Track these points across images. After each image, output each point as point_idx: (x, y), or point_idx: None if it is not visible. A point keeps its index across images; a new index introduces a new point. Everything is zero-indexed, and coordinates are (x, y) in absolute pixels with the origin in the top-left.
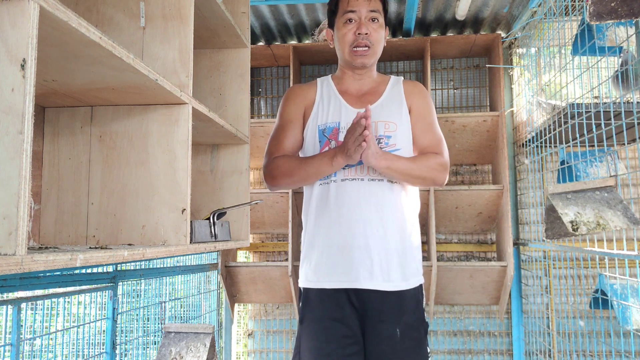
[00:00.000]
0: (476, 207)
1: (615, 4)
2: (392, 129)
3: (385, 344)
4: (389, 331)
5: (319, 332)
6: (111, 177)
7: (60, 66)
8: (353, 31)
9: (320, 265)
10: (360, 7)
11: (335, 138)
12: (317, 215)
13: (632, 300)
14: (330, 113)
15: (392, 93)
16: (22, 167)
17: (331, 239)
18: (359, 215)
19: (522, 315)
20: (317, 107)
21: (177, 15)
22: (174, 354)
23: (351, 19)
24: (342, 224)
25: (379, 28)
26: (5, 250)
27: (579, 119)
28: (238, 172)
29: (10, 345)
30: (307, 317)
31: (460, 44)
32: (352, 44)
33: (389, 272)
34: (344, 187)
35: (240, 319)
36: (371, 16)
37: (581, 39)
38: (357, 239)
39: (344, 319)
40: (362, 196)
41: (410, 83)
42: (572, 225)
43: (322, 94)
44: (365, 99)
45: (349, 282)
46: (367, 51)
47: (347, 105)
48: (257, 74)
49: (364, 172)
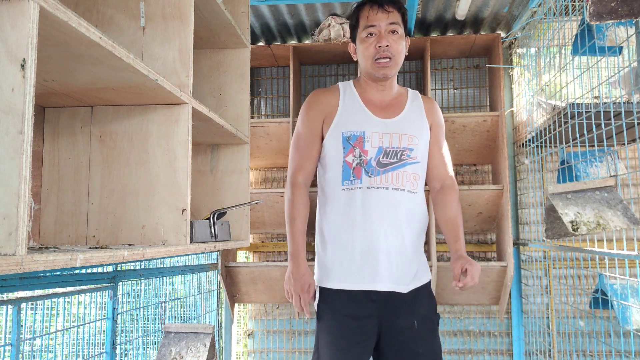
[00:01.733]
0: (476, 207)
1: (615, 4)
2: (415, 143)
3: (405, 335)
4: (407, 323)
5: (337, 327)
6: (111, 177)
7: (60, 66)
8: (374, 45)
9: (343, 267)
10: (380, 21)
11: (360, 146)
12: (342, 218)
13: (632, 300)
14: (355, 121)
15: (414, 107)
16: (22, 167)
17: (355, 242)
18: (383, 222)
19: (522, 315)
20: (341, 114)
21: (177, 15)
22: (174, 354)
23: (372, 33)
24: (367, 229)
25: (399, 39)
26: (5, 250)
27: (579, 119)
28: (238, 172)
29: (10, 345)
30: (326, 313)
31: (460, 44)
32: (374, 56)
33: (407, 274)
34: (370, 194)
35: (240, 319)
36: (391, 29)
37: (581, 39)
38: (380, 244)
39: (360, 316)
40: (387, 204)
41: (427, 100)
42: (572, 225)
43: (344, 101)
44: (389, 110)
45: (372, 284)
46: (389, 62)
47: (372, 115)
48: (257, 74)
49: (389, 181)
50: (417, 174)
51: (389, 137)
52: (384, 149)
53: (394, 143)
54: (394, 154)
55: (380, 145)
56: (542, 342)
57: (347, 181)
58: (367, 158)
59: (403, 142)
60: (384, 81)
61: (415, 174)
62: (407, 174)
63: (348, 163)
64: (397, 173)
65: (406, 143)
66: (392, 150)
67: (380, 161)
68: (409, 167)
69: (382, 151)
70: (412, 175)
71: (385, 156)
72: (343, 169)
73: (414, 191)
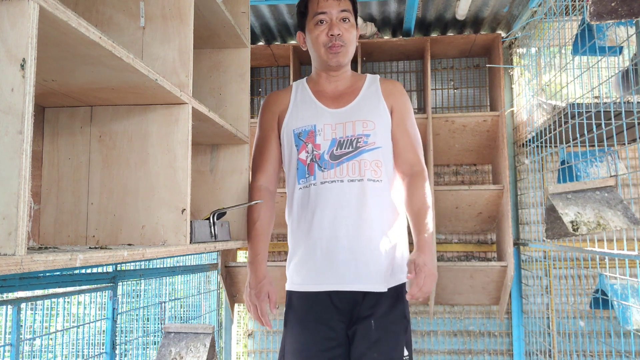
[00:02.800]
0: (476, 207)
1: (616, 3)
2: (371, 127)
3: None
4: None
5: (302, 334)
6: (111, 177)
7: (60, 66)
8: (325, 32)
9: (304, 269)
10: (331, 8)
11: (312, 141)
12: (299, 218)
13: (632, 300)
14: (305, 116)
15: (369, 92)
16: (22, 167)
17: (314, 242)
18: (341, 217)
19: (522, 315)
20: (291, 111)
21: (177, 15)
22: (173, 354)
23: (322, 20)
24: (324, 227)
25: (350, 28)
26: (5, 250)
27: (579, 119)
28: (238, 172)
29: (10, 345)
30: (291, 319)
31: (460, 44)
32: (326, 45)
33: (372, 272)
34: (323, 189)
35: (240, 319)
36: (342, 16)
37: (581, 38)
38: (340, 241)
39: (327, 321)
40: (343, 198)
41: (388, 82)
42: (572, 225)
43: (296, 98)
44: (342, 99)
45: (333, 284)
46: (341, 49)
47: (323, 107)
48: (257, 74)
49: (343, 173)
50: (378, 161)
51: (342, 126)
52: (337, 140)
53: (347, 132)
54: (349, 143)
55: (333, 137)
56: (543, 342)
57: (302, 179)
58: (319, 152)
59: (357, 129)
60: (336, 70)
61: (377, 160)
62: (366, 161)
63: (302, 160)
64: (353, 163)
65: (361, 129)
66: (347, 140)
67: (334, 153)
68: (367, 154)
69: (335, 143)
70: (372, 163)
71: (340, 147)
72: (298, 167)
73: (377, 179)
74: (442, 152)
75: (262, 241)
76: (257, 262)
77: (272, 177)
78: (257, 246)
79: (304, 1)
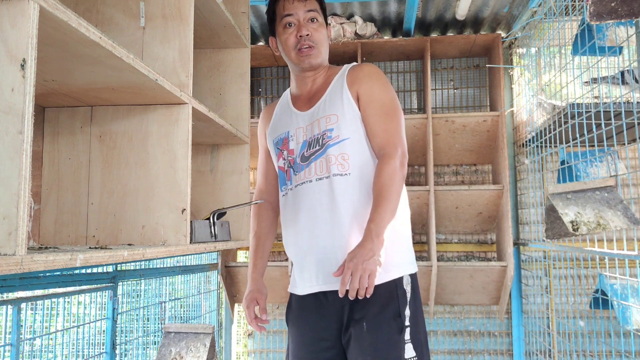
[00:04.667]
0: (476, 207)
1: (615, 3)
2: (333, 121)
3: (352, 340)
4: (357, 326)
5: (297, 335)
6: (111, 177)
7: (60, 66)
8: (294, 34)
9: (295, 272)
10: (297, 10)
11: (286, 147)
12: (284, 224)
13: (632, 300)
14: (281, 125)
15: (336, 85)
16: (22, 167)
17: (296, 245)
18: (314, 218)
19: (522, 315)
20: (272, 123)
21: (177, 15)
22: (174, 354)
23: (290, 23)
24: (300, 230)
25: (319, 27)
26: (5, 250)
27: (579, 119)
28: (238, 172)
29: (10, 345)
30: (290, 320)
31: (461, 44)
32: (296, 46)
33: None
34: (297, 193)
35: (240, 319)
36: (309, 16)
37: (581, 39)
38: (316, 241)
39: (318, 322)
40: (314, 197)
41: (356, 68)
42: (572, 225)
43: (278, 108)
44: (313, 100)
45: (316, 285)
46: (312, 50)
47: (296, 112)
48: (257, 74)
49: (312, 172)
50: (344, 154)
51: (310, 127)
52: (307, 142)
53: (314, 131)
54: (316, 142)
55: (304, 139)
56: (542, 342)
57: (283, 186)
58: (293, 157)
59: (322, 126)
60: (309, 71)
61: (343, 154)
62: (332, 156)
63: (281, 168)
64: (320, 161)
65: (324, 125)
66: (314, 139)
67: (304, 155)
68: (332, 148)
69: (306, 145)
70: (338, 157)
71: (309, 148)
72: (279, 175)
73: (345, 173)
74: (442, 152)
75: (259, 253)
76: (253, 272)
77: (272, 190)
78: (254, 257)
79: (272, 7)
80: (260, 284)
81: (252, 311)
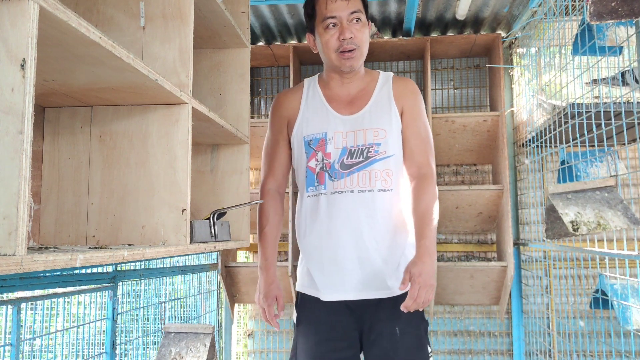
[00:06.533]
0: (476, 207)
1: (616, 3)
2: (382, 136)
3: (386, 341)
4: (389, 329)
5: (313, 334)
6: (111, 177)
7: (60, 66)
8: (336, 37)
9: (315, 277)
10: (340, 11)
11: (322, 150)
12: (309, 226)
13: (632, 300)
14: (316, 123)
15: (381, 95)
16: (22, 167)
17: (323, 251)
18: (350, 228)
19: (522, 315)
20: (302, 116)
21: (177, 15)
22: (174, 354)
23: (333, 24)
24: (332, 237)
25: (362, 27)
26: (5, 250)
27: (579, 119)
28: (238, 172)
29: (10, 345)
30: (303, 319)
31: (461, 44)
32: (338, 49)
33: (383, 280)
34: (334, 200)
35: (240, 319)
36: (353, 17)
37: (581, 38)
38: (348, 252)
39: (338, 322)
40: (352, 208)
41: (400, 82)
42: (572, 225)
43: (307, 101)
44: (354, 104)
45: (343, 294)
46: (354, 53)
47: (335, 114)
48: (257, 74)
49: (353, 183)
50: (389, 170)
51: (353, 135)
52: (348, 149)
53: (358, 141)
54: (360, 153)
55: (344, 145)
56: (543, 342)
57: (311, 187)
58: (330, 161)
59: (368, 138)
60: (349, 73)
61: (387, 170)
62: (377, 172)
63: (311, 168)
64: (364, 173)
65: (372, 138)
66: (358, 149)
67: (345, 163)
68: (378, 164)
69: (346, 152)
70: (383, 172)
71: (350, 156)
72: (307, 174)
73: (387, 189)
74: (442, 152)
75: (271, 246)
76: (267, 266)
77: (282, 181)
78: (266, 251)
79: (310, 3)
80: (277, 279)
81: (272, 309)
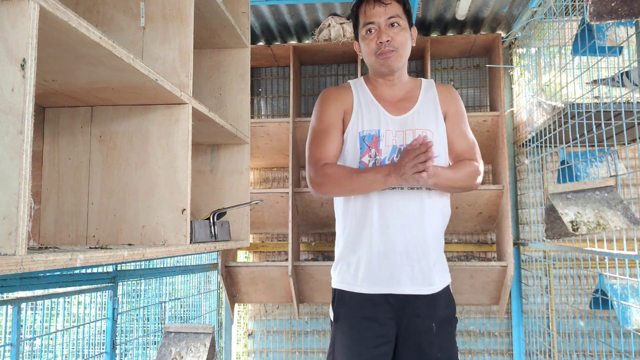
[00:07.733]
0: (476, 207)
1: (616, 4)
2: (429, 137)
3: (422, 337)
4: (426, 325)
5: (354, 330)
6: (111, 177)
7: (60, 66)
8: (375, 41)
9: (360, 271)
10: (378, 17)
11: (375, 146)
12: (359, 221)
13: (632, 300)
14: (370, 120)
15: (427, 98)
16: (22, 167)
17: (372, 245)
18: (400, 224)
19: (522, 315)
20: (357, 112)
21: (177, 15)
22: (174, 354)
23: (371, 29)
24: (383, 232)
25: (400, 31)
26: (5, 250)
27: (579, 119)
28: (238, 172)
29: (10, 345)
30: (342, 316)
31: (461, 44)
32: (376, 52)
33: (428, 275)
34: (385, 195)
35: (240, 319)
36: (390, 22)
37: (581, 39)
38: (397, 246)
39: (379, 319)
40: (403, 204)
41: (443, 88)
42: (572, 225)
43: (359, 99)
44: (401, 106)
45: (390, 287)
46: (392, 53)
47: (386, 113)
48: (257, 74)
49: None
50: None
51: (402, 134)
52: (397, 148)
53: (407, 140)
54: None
55: (394, 143)
56: (542, 342)
57: None
58: (381, 158)
59: None
60: (391, 75)
61: None
62: None
63: (364, 164)
64: None
65: None
66: None
67: (395, 161)
68: None
69: (395, 150)
70: None
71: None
72: None
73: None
74: None
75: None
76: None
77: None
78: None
79: (355, 13)
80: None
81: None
